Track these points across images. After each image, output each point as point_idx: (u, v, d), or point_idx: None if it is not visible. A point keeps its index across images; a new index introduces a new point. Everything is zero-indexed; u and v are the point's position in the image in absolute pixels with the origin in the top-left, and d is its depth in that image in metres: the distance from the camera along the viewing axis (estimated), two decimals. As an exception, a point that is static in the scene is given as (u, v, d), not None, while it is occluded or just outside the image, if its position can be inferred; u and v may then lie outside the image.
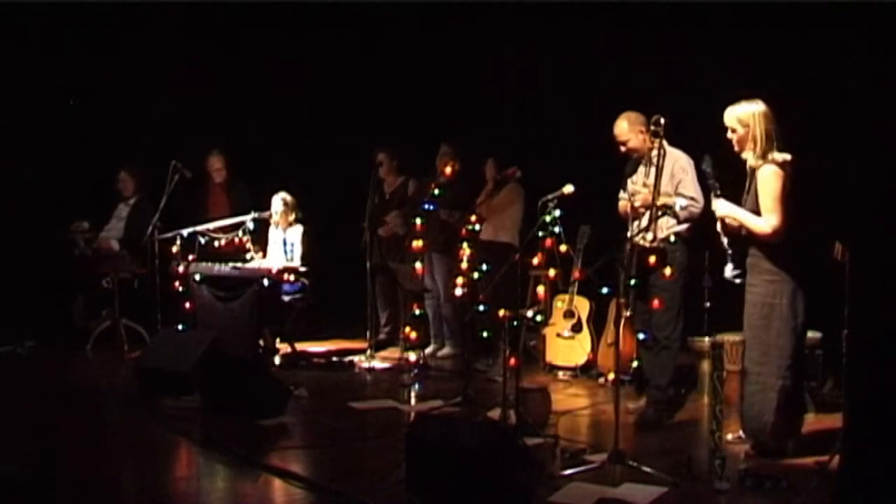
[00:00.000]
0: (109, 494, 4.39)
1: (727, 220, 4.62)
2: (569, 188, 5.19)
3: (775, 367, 4.54)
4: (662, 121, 4.98)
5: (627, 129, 5.33)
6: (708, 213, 4.84)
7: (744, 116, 4.55)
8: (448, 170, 6.70)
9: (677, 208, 5.10)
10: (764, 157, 4.50)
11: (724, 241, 4.64)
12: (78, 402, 6.18)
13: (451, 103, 8.37)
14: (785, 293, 4.51)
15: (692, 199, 5.12)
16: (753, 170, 4.57)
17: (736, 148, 4.61)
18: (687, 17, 6.82)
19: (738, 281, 4.65)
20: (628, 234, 5.10)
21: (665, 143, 5.27)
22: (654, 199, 4.90)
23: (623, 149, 5.39)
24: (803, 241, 4.56)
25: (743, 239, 4.61)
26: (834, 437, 4.34)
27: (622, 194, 5.43)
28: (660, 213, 4.97)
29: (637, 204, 5.18)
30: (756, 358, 4.60)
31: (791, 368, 4.54)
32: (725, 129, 4.65)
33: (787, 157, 4.50)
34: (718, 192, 4.61)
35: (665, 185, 5.10)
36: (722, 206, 4.61)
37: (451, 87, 8.42)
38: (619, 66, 7.37)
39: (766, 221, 4.48)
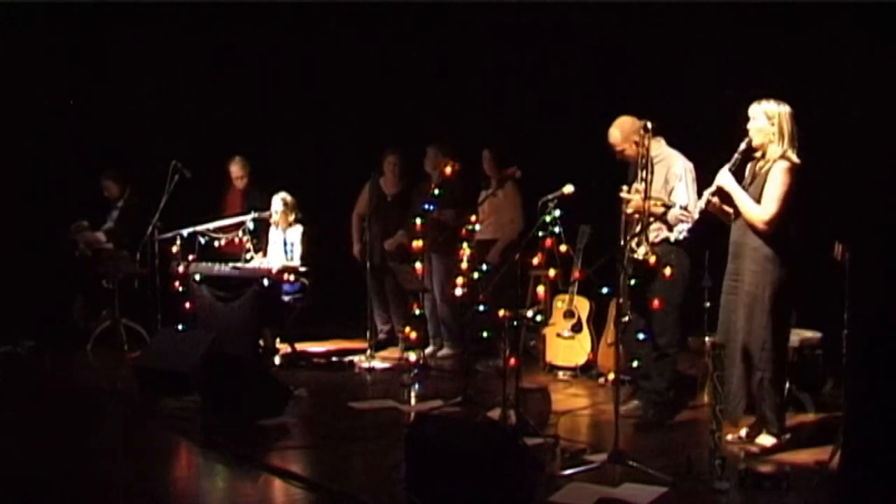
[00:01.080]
0: (109, 494, 4.39)
1: (714, 199, 4.65)
2: (569, 188, 5.17)
3: (756, 360, 4.58)
4: (650, 125, 4.97)
5: (621, 138, 5.27)
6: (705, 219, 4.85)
7: (771, 112, 4.60)
8: (448, 170, 6.69)
9: (669, 217, 5.04)
10: (783, 155, 4.54)
11: (700, 205, 4.70)
12: (78, 402, 6.18)
13: (451, 103, 8.37)
14: (767, 285, 4.55)
15: (684, 209, 5.02)
16: (762, 165, 4.60)
17: (754, 140, 4.62)
18: (687, 17, 6.82)
19: (676, 237, 4.89)
20: (621, 242, 5.07)
21: (664, 144, 5.27)
22: (645, 207, 4.88)
23: (618, 156, 5.38)
24: (794, 240, 4.58)
25: (719, 220, 4.69)
26: (834, 437, 4.34)
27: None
28: (650, 221, 4.94)
29: (629, 211, 5.14)
30: (739, 347, 4.61)
31: (774, 362, 4.56)
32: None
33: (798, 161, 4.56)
34: (733, 168, 4.63)
35: (658, 192, 5.07)
36: (724, 178, 4.64)
37: (451, 87, 8.42)
38: (619, 66, 7.36)
39: (762, 209, 4.53)
